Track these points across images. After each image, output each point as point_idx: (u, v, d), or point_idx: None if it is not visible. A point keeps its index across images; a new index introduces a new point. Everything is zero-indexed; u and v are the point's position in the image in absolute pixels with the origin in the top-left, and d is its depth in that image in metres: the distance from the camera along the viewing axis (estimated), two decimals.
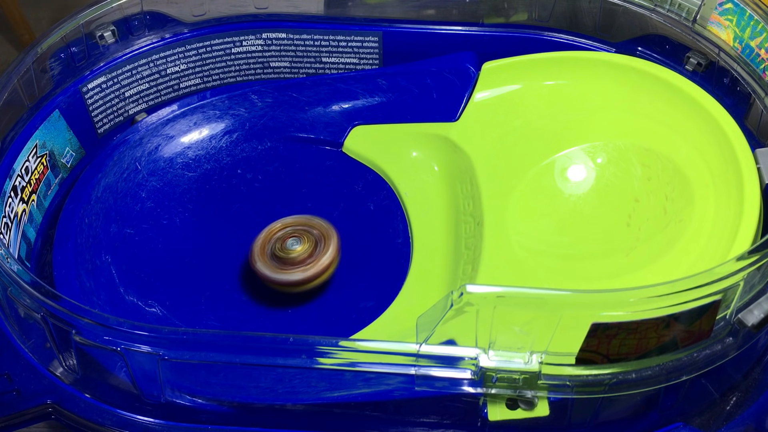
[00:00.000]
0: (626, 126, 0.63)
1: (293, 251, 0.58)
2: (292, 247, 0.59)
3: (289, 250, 0.58)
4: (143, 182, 0.64)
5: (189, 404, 0.50)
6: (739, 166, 0.57)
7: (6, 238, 0.56)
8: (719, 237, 0.56)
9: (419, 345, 0.45)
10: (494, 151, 0.64)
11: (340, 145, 0.68)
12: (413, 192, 0.65)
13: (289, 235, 0.59)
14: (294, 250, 0.58)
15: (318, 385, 0.49)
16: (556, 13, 0.69)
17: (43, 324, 0.49)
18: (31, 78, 0.62)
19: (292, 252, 0.58)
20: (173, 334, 0.47)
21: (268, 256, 0.59)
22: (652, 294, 0.44)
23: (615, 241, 0.59)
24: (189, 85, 0.71)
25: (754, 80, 0.60)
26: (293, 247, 0.59)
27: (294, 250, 0.58)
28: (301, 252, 0.58)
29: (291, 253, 0.58)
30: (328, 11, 0.70)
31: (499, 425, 0.47)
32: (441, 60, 0.68)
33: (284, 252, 0.58)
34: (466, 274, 0.58)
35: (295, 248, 0.59)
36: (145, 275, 0.60)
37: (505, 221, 0.61)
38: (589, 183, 0.63)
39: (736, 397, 0.51)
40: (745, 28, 0.61)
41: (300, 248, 0.59)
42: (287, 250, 0.58)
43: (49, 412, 0.50)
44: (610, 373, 0.45)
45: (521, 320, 0.45)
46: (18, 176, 0.59)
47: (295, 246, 0.59)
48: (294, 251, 0.58)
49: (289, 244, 0.59)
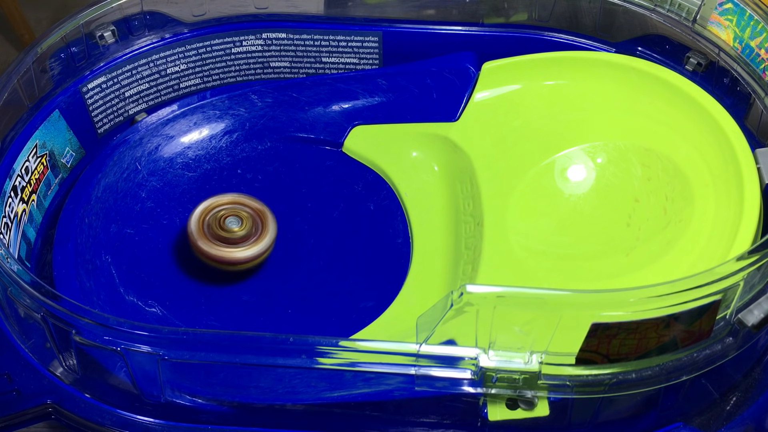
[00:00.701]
0: (626, 126, 0.63)
1: (234, 230, 0.59)
2: (231, 226, 0.59)
3: (230, 229, 0.59)
4: (143, 182, 0.64)
5: (189, 404, 0.50)
6: (739, 166, 0.57)
7: (6, 238, 0.56)
8: (719, 237, 0.56)
9: (419, 345, 0.45)
10: (494, 151, 0.64)
11: (340, 145, 0.68)
12: (413, 192, 0.65)
13: (227, 214, 0.60)
14: (234, 229, 0.59)
15: (318, 385, 0.49)
16: (556, 13, 0.69)
17: (43, 324, 0.49)
18: (31, 78, 0.62)
19: (234, 231, 0.59)
20: (173, 334, 0.47)
21: (208, 234, 0.60)
22: (652, 294, 0.44)
23: (615, 241, 0.59)
24: (189, 85, 0.71)
25: (754, 80, 0.60)
26: (232, 227, 0.59)
27: (234, 229, 0.59)
28: (241, 231, 0.59)
29: (232, 232, 0.59)
30: (328, 11, 0.70)
31: (499, 425, 0.47)
32: (441, 60, 0.68)
33: (225, 231, 0.59)
34: (466, 274, 0.58)
35: (233, 228, 0.59)
36: (145, 275, 0.60)
37: (505, 221, 0.61)
38: (589, 183, 0.63)
39: (736, 397, 0.51)
40: (745, 28, 0.61)
41: (239, 228, 0.59)
42: (228, 229, 0.59)
43: (49, 412, 0.50)
44: (610, 373, 0.45)
45: (521, 320, 0.45)
46: (18, 176, 0.59)
47: (233, 226, 0.60)
48: (234, 230, 0.59)
49: (229, 223, 0.60)
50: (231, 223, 0.60)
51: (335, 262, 0.62)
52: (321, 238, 0.63)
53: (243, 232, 0.59)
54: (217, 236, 0.59)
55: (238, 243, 0.59)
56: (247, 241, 0.59)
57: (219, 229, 0.59)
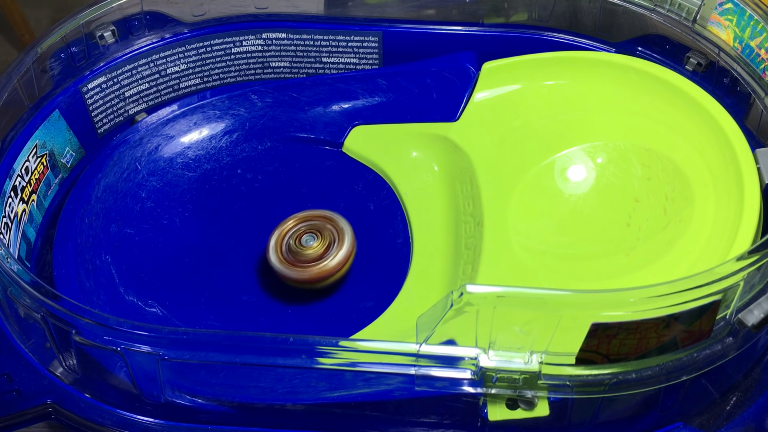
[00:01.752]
0: (626, 126, 0.63)
1: (309, 248, 0.59)
2: (308, 244, 0.59)
3: (304, 246, 0.59)
4: (143, 182, 0.64)
5: (189, 404, 0.50)
6: (739, 166, 0.57)
7: (6, 238, 0.56)
8: (719, 237, 0.56)
9: (419, 345, 0.45)
10: (494, 151, 0.64)
11: (340, 145, 0.68)
12: (413, 192, 0.65)
13: (304, 231, 0.60)
14: (310, 246, 0.59)
15: (318, 385, 0.49)
16: (556, 13, 0.69)
17: (43, 324, 0.49)
18: (31, 78, 0.62)
19: (308, 248, 0.58)
20: (173, 334, 0.47)
21: (283, 252, 0.59)
22: (652, 294, 0.44)
23: (615, 241, 0.59)
24: (189, 85, 0.71)
25: (754, 80, 0.60)
26: (309, 244, 0.59)
27: (310, 246, 0.59)
28: (316, 248, 0.59)
29: (306, 249, 0.58)
30: (328, 11, 0.70)
31: (499, 425, 0.48)
32: (441, 60, 0.68)
33: (299, 247, 0.59)
34: (466, 274, 0.58)
35: (310, 245, 0.59)
36: (145, 275, 0.60)
37: (505, 221, 0.61)
38: (589, 183, 0.63)
39: (736, 397, 0.51)
40: (745, 28, 0.61)
41: (315, 244, 0.59)
42: (302, 246, 0.59)
43: (49, 412, 0.50)
44: (610, 373, 0.45)
45: (521, 320, 0.45)
46: (18, 176, 0.59)
47: (310, 242, 0.59)
48: (310, 248, 0.59)
49: (305, 241, 0.59)
50: (308, 241, 0.59)
51: None
52: None
53: (321, 249, 0.59)
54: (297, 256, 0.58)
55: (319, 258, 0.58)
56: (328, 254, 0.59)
57: (298, 249, 0.59)
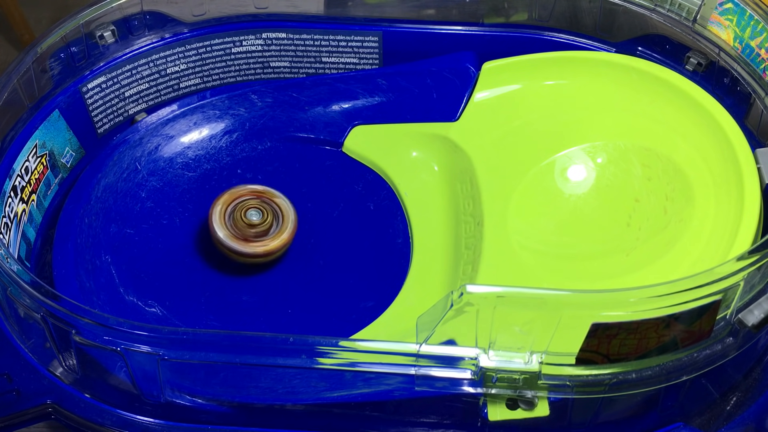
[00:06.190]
0: (626, 126, 0.63)
1: (255, 223, 0.59)
2: (252, 219, 0.59)
3: (250, 221, 0.59)
4: (143, 182, 0.64)
5: (189, 404, 0.50)
6: (739, 166, 0.57)
7: (6, 238, 0.56)
8: (719, 237, 0.56)
9: (419, 345, 0.45)
10: (494, 151, 0.64)
11: (340, 145, 0.68)
12: (413, 192, 0.65)
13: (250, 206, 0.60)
14: (254, 222, 0.59)
15: (318, 385, 0.49)
16: (556, 13, 0.69)
17: (43, 324, 0.49)
18: (31, 78, 0.62)
19: (254, 223, 0.59)
20: (173, 334, 0.47)
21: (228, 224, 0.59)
22: (652, 294, 0.44)
23: (615, 241, 0.59)
24: (189, 85, 0.71)
25: (754, 80, 0.60)
26: (253, 219, 0.59)
27: (254, 222, 0.59)
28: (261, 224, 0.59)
29: (253, 224, 0.59)
30: (328, 11, 0.70)
31: (499, 425, 0.48)
32: (441, 60, 0.68)
33: (245, 221, 0.59)
34: (466, 274, 0.58)
35: (253, 220, 0.59)
36: (145, 275, 0.60)
37: (505, 221, 0.61)
38: (589, 183, 0.63)
39: (736, 397, 0.51)
40: (745, 28, 0.61)
41: (260, 221, 0.59)
42: (248, 221, 0.59)
43: (49, 412, 0.50)
44: (610, 373, 0.45)
45: (521, 320, 0.45)
46: (18, 176, 0.59)
47: (253, 218, 0.59)
48: (255, 223, 0.59)
49: (250, 215, 0.60)
50: (252, 216, 0.60)
51: (335, 262, 0.62)
52: (321, 238, 0.63)
53: (264, 227, 0.59)
54: (238, 228, 0.59)
55: (260, 236, 0.59)
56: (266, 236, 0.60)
57: (241, 222, 0.59)
